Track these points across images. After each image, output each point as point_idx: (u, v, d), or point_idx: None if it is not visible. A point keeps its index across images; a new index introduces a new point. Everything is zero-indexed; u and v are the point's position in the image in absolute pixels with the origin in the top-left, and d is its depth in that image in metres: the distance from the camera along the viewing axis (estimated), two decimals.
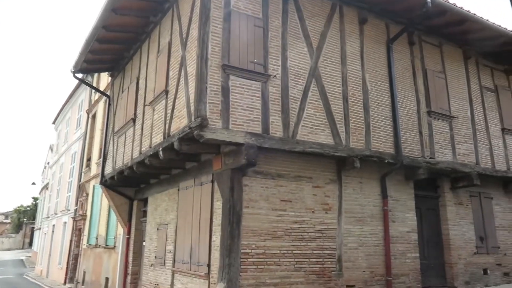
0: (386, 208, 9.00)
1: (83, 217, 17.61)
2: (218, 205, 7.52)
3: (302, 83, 8.07)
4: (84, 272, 16.37)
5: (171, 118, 7.84)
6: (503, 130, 11.53)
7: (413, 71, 10.01)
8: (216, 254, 7.31)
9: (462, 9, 9.48)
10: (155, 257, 9.86)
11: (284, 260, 7.53)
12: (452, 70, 10.86)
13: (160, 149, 7.96)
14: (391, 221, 9.05)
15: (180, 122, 7.38)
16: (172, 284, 8.77)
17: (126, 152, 10.31)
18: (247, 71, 7.37)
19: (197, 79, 6.93)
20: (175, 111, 7.72)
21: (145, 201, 11.59)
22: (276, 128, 7.53)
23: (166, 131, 7.98)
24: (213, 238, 7.51)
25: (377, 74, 9.28)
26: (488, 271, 10.59)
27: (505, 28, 10.35)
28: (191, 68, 7.31)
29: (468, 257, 10.29)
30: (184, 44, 7.84)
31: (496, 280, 10.65)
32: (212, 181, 7.84)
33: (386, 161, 8.78)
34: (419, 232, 9.58)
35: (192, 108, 6.97)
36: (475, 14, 9.68)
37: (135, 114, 10.09)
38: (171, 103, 7.94)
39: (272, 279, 7.32)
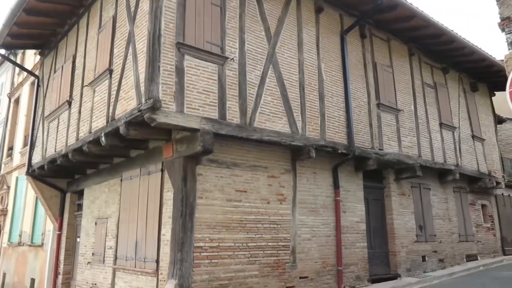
0: (338, 198, 9.00)
1: (3, 212, 15.75)
2: (169, 195, 6.93)
3: (259, 68, 7.71)
4: (4, 274, 14.65)
5: (116, 100, 7.07)
6: (441, 124, 12.18)
7: (364, 63, 10.14)
8: (166, 249, 6.73)
9: (412, 5, 9.74)
10: (93, 254, 8.96)
11: (238, 253, 7.16)
12: (399, 65, 11.19)
13: (103, 134, 7.15)
14: (342, 211, 9.08)
15: (128, 104, 6.66)
16: (113, 283, 8.00)
17: (60, 139, 9.23)
18: (203, 52, 6.83)
19: (149, 57, 6.26)
20: (121, 92, 6.96)
21: (80, 194, 10.53)
22: (233, 114, 7.10)
23: (110, 114, 7.19)
24: (163, 231, 6.91)
25: (332, 64, 9.23)
26: (426, 258, 11.14)
27: (447, 27, 10.83)
28: (141, 45, 6.61)
29: (410, 245, 10.72)
30: (132, 19, 7.09)
31: (433, 266, 11.24)
32: (162, 170, 7.22)
33: (339, 151, 8.76)
34: (366, 222, 9.74)
35: (143, 88, 6.29)
36: (423, 11, 10.00)
37: (70, 96, 9.04)
38: (116, 84, 7.15)
39: (226, 274, 6.91)
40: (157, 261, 6.88)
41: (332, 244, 8.73)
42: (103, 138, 7.13)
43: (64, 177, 10.85)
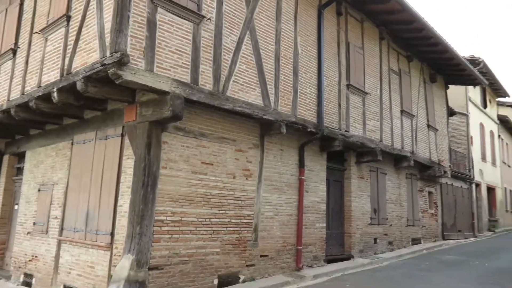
0: (302, 177, 8.83)
1: None
2: (129, 163, 6.29)
3: (236, 33, 7.16)
4: None
5: (74, 52, 6.20)
6: (402, 111, 12.39)
7: (338, 42, 9.90)
8: (123, 221, 6.14)
9: None
10: (34, 223, 8.09)
11: (201, 229, 6.75)
12: (369, 48, 11.10)
13: (55, 89, 6.29)
14: (305, 191, 8.93)
15: (88, 57, 5.85)
16: (57, 256, 7.26)
17: (1, 92, 8.10)
18: (178, 6, 6.14)
19: (117, 4, 5.47)
20: (80, 42, 6.10)
21: (21, 156, 9.45)
22: (206, 80, 6.54)
23: (66, 67, 6.31)
24: (120, 202, 6.29)
25: (308, 39, 8.87)
26: (378, 240, 11.45)
27: (420, 15, 10.84)
28: None
29: (364, 227, 10.92)
30: None
31: (383, 248, 11.58)
32: (122, 135, 6.53)
33: (309, 129, 8.52)
34: (326, 203, 9.71)
35: (108, 40, 5.52)
36: None
37: (16, 43, 7.89)
38: (75, 33, 6.26)
39: (187, 250, 6.49)
40: (112, 234, 6.27)
41: (293, 223, 8.58)
42: (55, 94, 6.27)
43: (3, 137, 9.67)
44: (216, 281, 6.88)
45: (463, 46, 66.96)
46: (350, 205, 10.56)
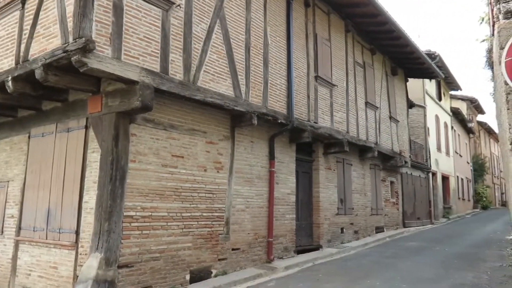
0: (273, 169, 8.78)
1: None
2: (95, 157, 5.94)
3: (206, 21, 6.93)
4: None
5: (31, 37, 5.72)
6: (366, 103, 12.65)
7: (306, 33, 9.89)
8: (89, 218, 5.80)
9: None
10: None
11: (172, 224, 6.53)
12: (336, 40, 11.20)
13: (10, 78, 5.79)
14: (276, 183, 8.90)
15: (48, 43, 5.42)
16: (15, 257, 6.76)
17: None
18: None
19: None
20: (38, 27, 5.64)
21: None
22: (176, 69, 6.28)
23: (22, 54, 5.82)
24: (85, 198, 5.94)
25: (277, 29, 8.78)
26: (344, 230, 11.67)
27: (385, 8, 11.05)
28: None
29: (332, 217, 11.08)
30: None
31: (349, 237, 11.83)
32: (86, 127, 6.15)
33: (279, 121, 8.47)
34: (296, 194, 9.74)
35: (70, 25, 5.13)
36: None
37: None
38: (31, 17, 5.77)
39: (158, 246, 6.25)
40: (77, 232, 5.91)
41: (264, 216, 8.53)
42: (10, 83, 5.78)
43: None
44: (188, 277, 6.70)
45: (417, 41, 69.73)
46: (318, 196, 10.67)
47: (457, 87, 25.42)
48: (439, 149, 22.69)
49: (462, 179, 28.03)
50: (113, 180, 5.66)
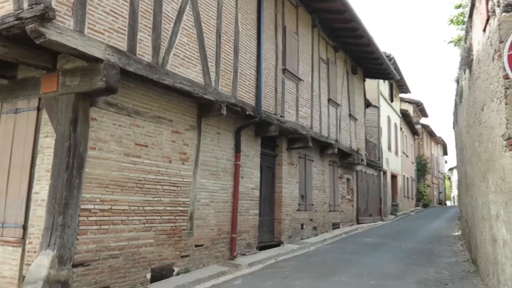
0: (238, 163, 8.47)
1: None
2: (48, 142, 5.29)
3: (177, 1, 6.44)
4: None
5: None
6: (329, 100, 12.69)
7: (275, 25, 9.65)
8: (39, 211, 5.15)
9: None
10: None
11: (133, 218, 6.01)
12: (303, 34, 11.07)
13: None
14: (241, 177, 8.59)
15: None
16: None
17: None
18: None
19: None
20: None
21: None
22: (145, 50, 5.76)
23: None
24: (36, 188, 5.27)
25: (248, 18, 8.46)
26: (304, 226, 11.63)
27: (352, 6, 11.10)
28: None
29: (293, 213, 10.98)
30: None
31: (308, 233, 11.82)
32: (39, 109, 5.46)
33: (247, 112, 8.16)
34: (259, 189, 9.50)
35: None
36: None
37: None
38: None
39: (117, 242, 5.71)
40: (24, 227, 5.24)
41: (228, 211, 8.20)
42: None
43: None
44: (149, 275, 6.22)
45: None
46: (281, 192, 10.51)
47: (407, 90, 26.56)
48: (389, 148, 23.57)
49: (407, 178, 29.40)
50: (69, 168, 5.06)
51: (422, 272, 7.12)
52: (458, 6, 9.22)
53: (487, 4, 3.73)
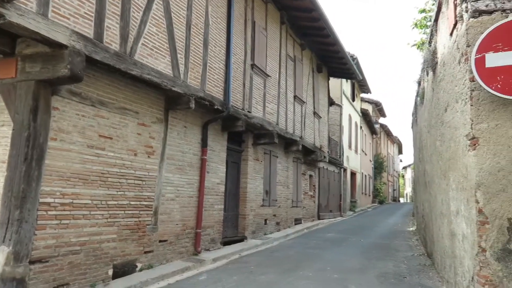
0: (205, 157, 8.37)
1: None
2: (4, 131, 4.97)
3: None
4: None
5: None
6: (295, 97, 12.82)
7: (245, 19, 9.61)
8: None
9: None
10: None
11: (96, 213, 5.78)
12: (272, 30, 11.10)
13: None
14: (207, 171, 8.50)
15: None
16: None
17: None
18: None
19: None
20: None
21: None
22: (112, 38, 5.53)
23: None
24: None
25: (218, 11, 8.35)
26: (267, 221, 11.72)
27: (320, 5, 11.24)
28: None
29: (257, 209, 11.03)
30: None
31: (272, 228, 11.92)
32: None
33: (216, 107, 8.07)
34: (224, 184, 9.45)
35: None
36: None
37: None
38: None
39: (78, 237, 5.48)
40: None
41: (193, 206, 8.10)
42: None
43: None
44: (111, 272, 6.02)
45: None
46: (246, 187, 10.52)
47: (368, 90, 27.37)
48: (350, 146, 24.23)
49: (366, 175, 30.39)
50: (28, 160, 4.78)
51: (382, 266, 7.39)
52: (422, 11, 9.60)
53: (455, 9, 3.89)
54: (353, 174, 25.42)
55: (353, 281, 6.20)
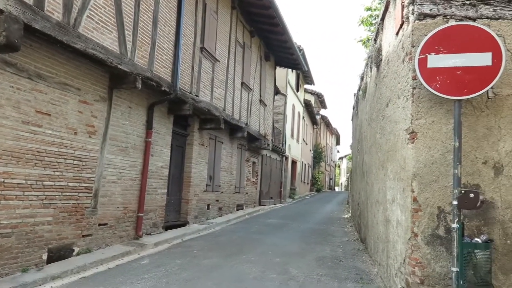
0: (149, 140, 8.15)
1: None
2: None
3: None
4: None
5: None
6: (242, 84, 12.84)
7: (196, 0, 9.37)
8: None
9: None
10: None
11: (30, 194, 5.42)
12: (223, 15, 10.96)
13: None
14: (151, 154, 8.29)
15: None
16: None
17: None
18: None
19: None
20: None
21: None
22: (54, 7, 5.14)
23: None
24: None
25: None
26: (210, 207, 11.74)
27: None
28: None
29: (200, 194, 10.99)
30: None
31: (214, 214, 11.96)
32: None
33: (163, 88, 7.86)
34: (168, 168, 9.30)
35: None
36: None
37: None
38: None
39: (10, 220, 5.11)
40: None
41: (136, 189, 7.89)
42: None
43: None
44: (45, 256, 5.71)
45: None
46: (190, 172, 10.42)
47: (311, 82, 28.14)
48: (292, 135, 24.85)
49: (305, 164, 31.41)
50: None
51: (320, 250, 7.75)
52: (368, 9, 10.01)
53: (402, 10, 4.12)
54: (294, 162, 26.15)
55: (293, 264, 6.45)
